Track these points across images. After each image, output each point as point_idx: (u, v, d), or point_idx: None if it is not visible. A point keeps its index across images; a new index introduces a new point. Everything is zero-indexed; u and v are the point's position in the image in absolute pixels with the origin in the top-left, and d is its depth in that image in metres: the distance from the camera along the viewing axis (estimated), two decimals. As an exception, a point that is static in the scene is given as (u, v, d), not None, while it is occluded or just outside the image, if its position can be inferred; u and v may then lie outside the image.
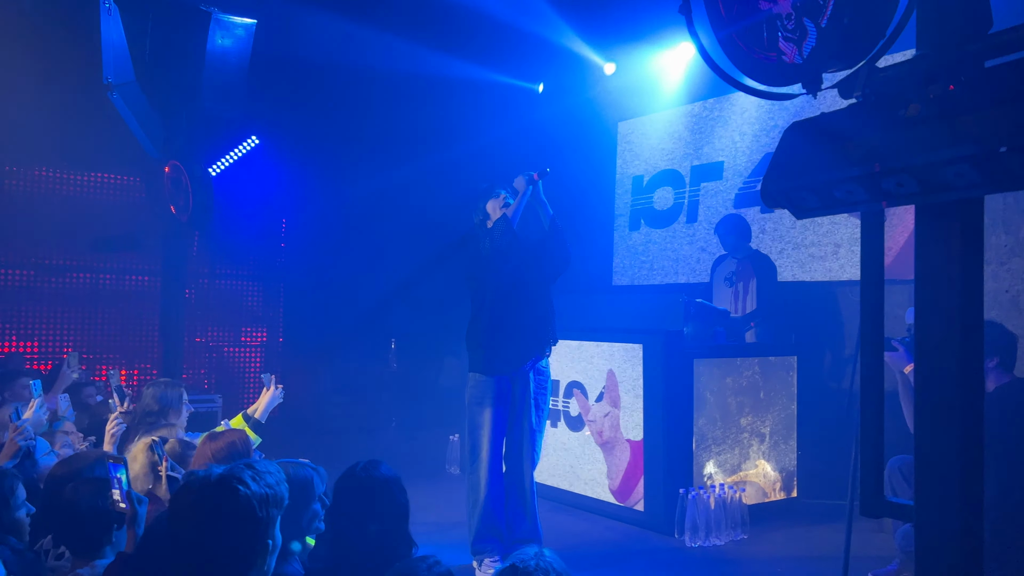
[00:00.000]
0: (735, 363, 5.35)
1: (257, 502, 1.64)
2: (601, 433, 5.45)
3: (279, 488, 1.71)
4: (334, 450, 7.64)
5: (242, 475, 1.66)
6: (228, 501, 1.61)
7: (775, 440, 5.50)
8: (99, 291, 8.65)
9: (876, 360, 1.94)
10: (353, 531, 2.28)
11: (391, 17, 7.11)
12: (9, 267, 8.21)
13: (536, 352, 4.37)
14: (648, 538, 4.97)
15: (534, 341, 4.36)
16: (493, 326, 4.31)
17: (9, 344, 8.11)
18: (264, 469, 1.72)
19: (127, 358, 8.65)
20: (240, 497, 1.62)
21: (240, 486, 1.63)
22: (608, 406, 5.41)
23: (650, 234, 8.13)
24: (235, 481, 1.64)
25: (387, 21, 7.16)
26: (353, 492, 2.34)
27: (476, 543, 4.24)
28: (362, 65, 7.57)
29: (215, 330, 9.43)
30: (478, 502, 4.25)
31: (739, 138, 7.35)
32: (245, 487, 1.63)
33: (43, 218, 8.22)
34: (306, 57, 7.41)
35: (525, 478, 4.39)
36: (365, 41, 7.36)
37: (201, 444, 3.02)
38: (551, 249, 4.44)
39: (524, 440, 4.36)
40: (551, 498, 5.81)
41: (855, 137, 1.83)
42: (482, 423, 4.27)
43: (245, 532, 1.62)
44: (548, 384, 4.48)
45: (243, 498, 1.62)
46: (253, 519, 1.63)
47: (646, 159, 8.29)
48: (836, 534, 4.84)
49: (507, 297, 4.34)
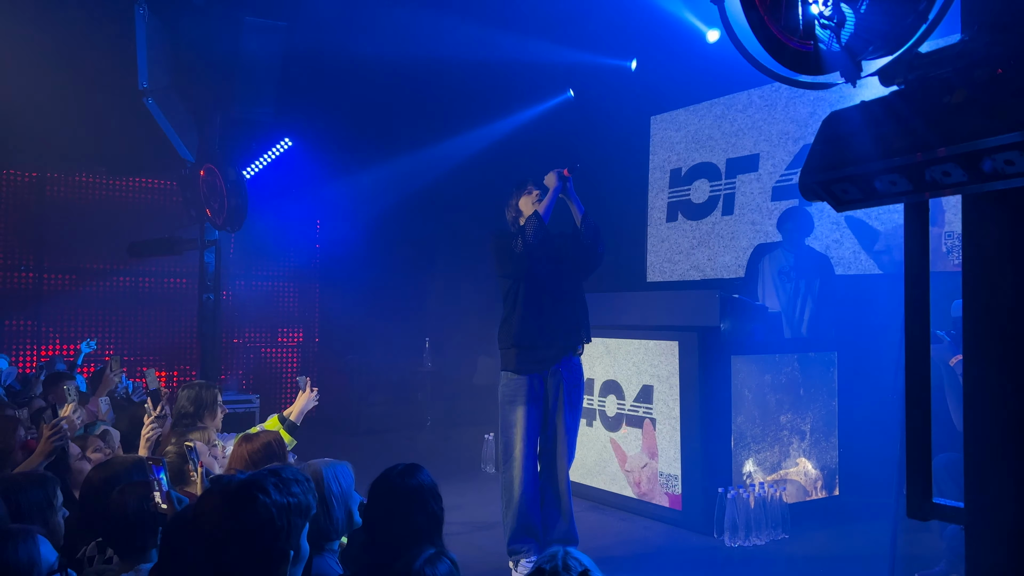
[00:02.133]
0: (774, 359, 5.26)
1: (277, 511, 1.62)
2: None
3: (305, 497, 1.70)
4: (369, 450, 7.68)
5: (265, 483, 1.65)
6: (247, 509, 1.60)
7: (816, 437, 5.40)
8: (138, 294, 8.80)
9: (922, 356, 1.86)
10: (384, 537, 2.26)
11: (424, 10, 7.09)
12: (52, 271, 8.39)
13: (569, 350, 4.33)
14: (686, 538, 4.90)
15: (566, 339, 4.32)
16: (526, 325, 4.27)
17: (53, 347, 8.28)
18: (290, 477, 1.70)
19: (166, 360, 8.78)
20: (259, 505, 1.61)
21: (261, 494, 1.62)
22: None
23: (685, 228, 8.03)
24: (256, 489, 1.63)
25: (420, 17, 7.14)
26: (386, 497, 2.33)
27: (512, 543, 4.21)
28: (394, 64, 7.57)
29: (252, 331, 9.54)
30: (512, 501, 4.22)
31: (774, 130, 7.23)
32: (266, 495, 1.62)
33: (83, 223, 8.39)
34: (337, 56, 7.43)
35: (560, 477, 4.35)
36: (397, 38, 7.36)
37: (237, 445, 3.04)
38: (583, 246, 4.39)
39: (559, 439, 4.32)
40: (588, 497, 5.77)
41: (897, 126, 1.77)
42: (515, 422, 4.24)
43: (264, 540, 1.60)
44: (582, 382, 4.43)
45: (262, 506, 1.61)
46: (272, 528, 1.61)
47: (680, 153, 8.20)
48: (880, 533, 4.73)
49: (540, 295, 4.29)
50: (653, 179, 8.50)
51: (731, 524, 4.69)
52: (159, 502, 2.34)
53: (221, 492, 1.64)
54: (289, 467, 1.76)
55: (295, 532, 1.66)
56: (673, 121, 8.32)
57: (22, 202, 8.25)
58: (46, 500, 2.37)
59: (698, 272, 7.81)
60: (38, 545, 1.79)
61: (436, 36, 7.34)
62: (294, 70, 7.47)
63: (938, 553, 4.06)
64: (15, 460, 3.75)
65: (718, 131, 7.79)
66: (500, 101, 8.57)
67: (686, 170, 8.12)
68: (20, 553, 1.74)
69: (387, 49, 7.49)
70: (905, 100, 1.81)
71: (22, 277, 8.26)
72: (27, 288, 8.25)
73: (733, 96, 7.64)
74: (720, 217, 7.59)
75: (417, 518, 2.28)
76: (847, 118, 1.94)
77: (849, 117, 1.94)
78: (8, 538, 1.79)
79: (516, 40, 7.45)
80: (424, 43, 7.40)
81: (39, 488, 2.40)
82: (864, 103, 1.95)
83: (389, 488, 2.34)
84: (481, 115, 8.69)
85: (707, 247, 7.78)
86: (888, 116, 1.82)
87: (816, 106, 6.85)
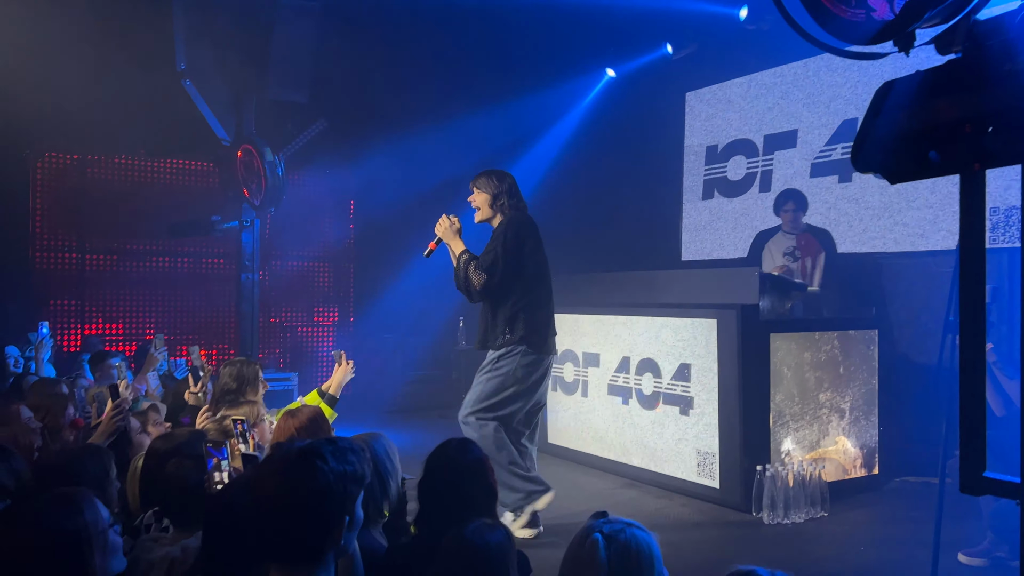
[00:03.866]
0: (813, 337, 5.21)
1: (335, 477, 1.66)
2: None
3: (360, 466, 1.73)
4: (404, 428, 7.75)
5: (323, 451, 1.69)
6: (306, 475, 1.64)
7: (855, 416, 5.35)
8: (178, 274, 8.94)
9: (977, 328, 1.84)
10: (439, 509, 2.29)
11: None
12: (94, 252, 8.54)
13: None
14: (724, 515, 4.90)
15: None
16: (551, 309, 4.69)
17: (97, 327, 8.45)
18: (346, 446, 1.74)
19: (205, 339, 8.91)
20: (317, 472, 1.65)
21: (319, 461, 1.66)
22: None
23: (721, 206, 7.96)
24: (315, 456, 1.67)
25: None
26: (443, 470, 2.36)
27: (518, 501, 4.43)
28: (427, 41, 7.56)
29: (288, 310, 9.66)
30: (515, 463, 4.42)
31: (814, 104, 7.11)
32: (324, 462, 1.66)
33: (123, 204, 8.51)
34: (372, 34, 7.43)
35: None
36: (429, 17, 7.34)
37: (282, 420, 3.08)
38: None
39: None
40: (623, 474, 5.79)
41: (954, 95, 1.74)
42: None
43: (321, 506, 1.64)
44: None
45: (320, 473, 1.65)
46: (330, 494, 1.65)
47: (717, 129, 8.11)
48: (919, 511, 4.70)
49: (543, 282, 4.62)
50: (688, 156, 8.43)
51: (769, 502, 4.68)
52: (219, 480, 2.38)
53: (280, 459, 1.68)
54: (343, 438, 1.80)
55: (351, 499, 1.70)
56: (709, 97, 8.23)
57: (64, 184, 8.39)
58: (102, 471, 2.44)
59: (734, 250, 7.75)
60: (95, 504, 1.85)
61: (470, 14, 7.31)
62: (330, 50, 7.49)
63: (981, 531, 4.02)
64: (64, 437, 3.85)
65: (755, 106, 7.70)
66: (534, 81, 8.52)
67: (722, 147, 8.03)
68: (82, 511, 1.81)
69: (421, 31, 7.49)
70: (963, 69, 1.78)
71: (65, 258, 8.42)
72: (70, 268, 8.41)
73: (771, 70, 7.53)
74: (757, 194, 7.51)
75: (473, 491, 2.31)
76: (901, 88, 1.91)
77: (903, 87, 1.90)
78: (68, 498, 1.86)
79: (552, 20, 7.40)
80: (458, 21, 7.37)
81: (95, 459, 2.47)
82: (919, 72, 1.91)
83: (446, 462, 2.37)
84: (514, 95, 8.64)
85: (744, 225, 7.71)
86: (945, 85, 1.79)
87: (859, 79, 6.73)
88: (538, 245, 4.56)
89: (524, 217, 4.58)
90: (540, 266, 4.57)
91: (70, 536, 1.75)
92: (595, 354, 6.12)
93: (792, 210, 6.21)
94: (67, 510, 1.79)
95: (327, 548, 1.67)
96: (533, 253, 4.51)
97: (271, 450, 2.19)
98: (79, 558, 1.75)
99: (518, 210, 4.59)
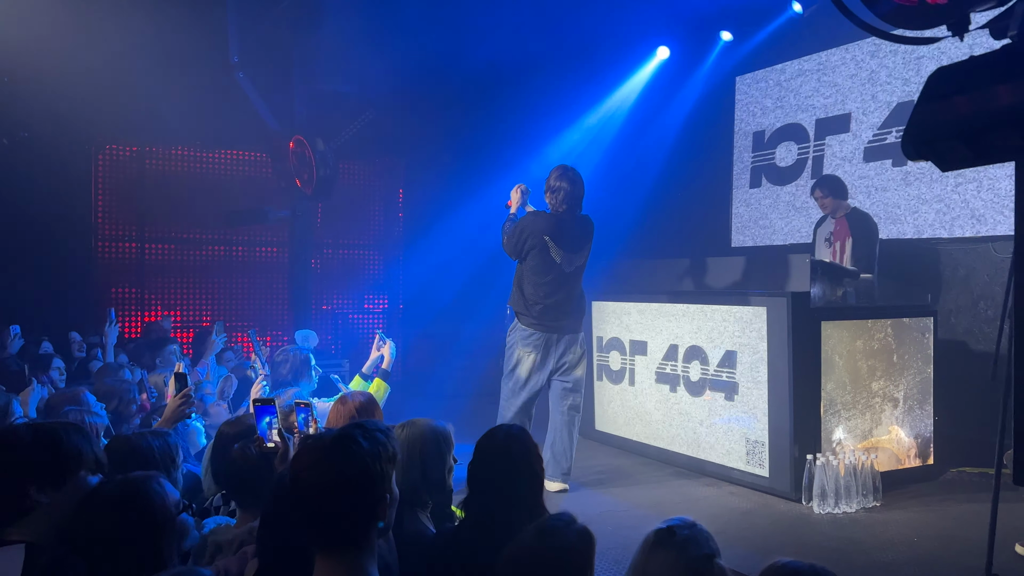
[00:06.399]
0: (865, 325, 5.12)
1: (371, 459, 1.73)
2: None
3: (391, 444, 1.80)
4: (452, 414, 7.83)
5: (354, 434, 1.76)
6: (343, 459, 1.71)
7: (909, 405, 5.26)
8: (232, 263, 9.16)
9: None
10: (487, 495, 2.33)
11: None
12: (152, 241, 8.80)
13: None
14: (774, 504, 4.87)
15: None
16: None
17: (155, 314, 8.71)
18: (374, 427, 1.81)
19: (259, 325, 9.12)
20: (353, 456, 1.71)
21: (353, 445, 1.73)
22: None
23: (771, 192, 7.85)
24: (348, 441, 1.74)
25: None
26: (492, 455, 2.40)
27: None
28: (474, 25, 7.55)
29: (340, 298, 9.83)
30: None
31: (867, 88, 6.96)
32: (357, 445, 1.73)
33: (180, 194, 8.75)
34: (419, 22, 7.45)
35: None
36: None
37: (339, 404, 3.16)
38: None
39: None
40: (672, 463, 5.78)
41: (1011, 79, 1.70)
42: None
43: (362, 489, 1.71)
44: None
45: (356, 456, 1.71)
46: (367, 476, 1.71)
47: (767, 113, 7.99)
48: (975, 503, 4.61)
49: None
50: (738, 142, 8.32)
51: (820, 491, 4.64)
52: (262, 441, 2.46)
53: (315, 448, 1.74)
54: (371, 420, 1.85)
55: (387, 478, 1.76)
56: (759, 81, 8.10)
57: (124, 175, 8.65)
58: (168, 456, 2.55)
59: (785, 237, 7.64)
60: (165, 486, 1.94)
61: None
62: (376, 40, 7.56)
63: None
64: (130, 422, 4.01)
65: (806, 91, 7.56)
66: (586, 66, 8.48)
67: (771, 133, 7.91)
68: (154, 491, 1.91)
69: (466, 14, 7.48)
70: (1020, 53, 1.75)
71: (125, 247, 8.70)
72: (130, 257, 8.69)
73: (822, 54, 7.39)
74: (808, 181, 7.38)
75: (521, 478, 2.35)
76: (955, 73, 1.88)
77: (957, 72, 1.87)
78: (142, 479, 1.96)
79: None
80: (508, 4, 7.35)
81: (162, 444, 2.58)
82: (973, 57, 1.88)
83: (496, 448, 2.41)
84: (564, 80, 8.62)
85: (793, 212, 7.60)
86: (1001, 70, 1.75)
87: (914, 60, 6.56)
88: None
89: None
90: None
91: (142, 517, 1.85)
92: (642, 342, 6.11)
93: (820, 196, 6.12)
94: (139, 492, 1.88)
95: (371, 529, 1.73)
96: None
97: (302, 440, 2.26)
98: (151, 538, 1.85)
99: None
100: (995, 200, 5.96)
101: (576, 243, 5.20)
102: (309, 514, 1.70)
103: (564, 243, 5.14)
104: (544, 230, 5.12)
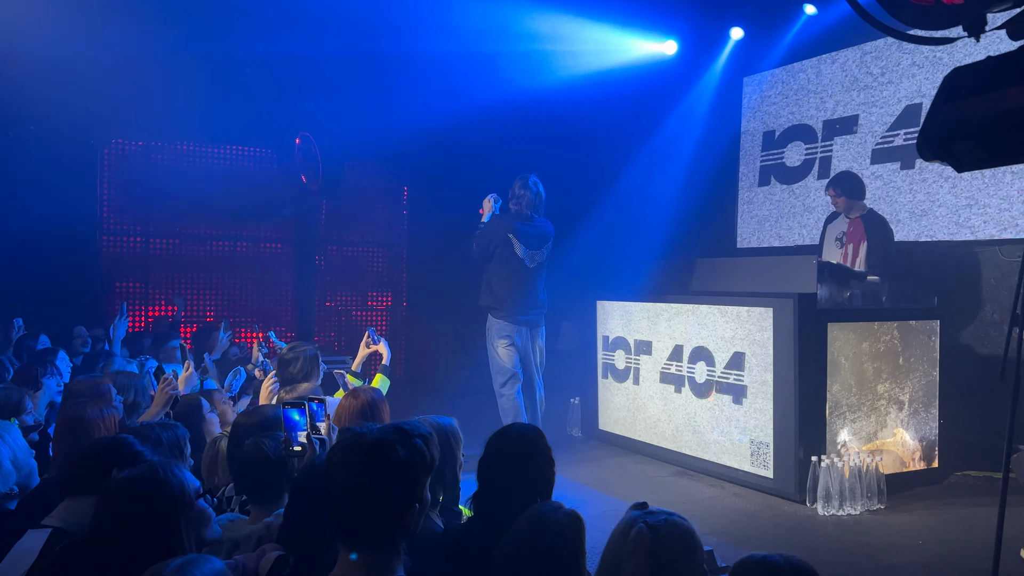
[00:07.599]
0: (872, 327, 5.11)
1: (406, 467, 1.71)
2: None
3: (429, 452, 1.77)
4: (456, 411, 7.83)
5: (392, 440, 1.73)
6: (379, 466, 1.69)
7: (915, 408, 5.25)
8: (236, 258, 9.14)
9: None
10: (497, 492, 2.33)
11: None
12: (157, 236, 8.79)
13: None
14: (778, 505, 4.86)
15: None
16: None
17: (159, 309, 8.71)
18: (415, 432, 1.77)
19: (263, 321, 9.10)
20: (391, 464, 1.69)
21: (391, 452, 1.70)
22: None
23: (778, 192, 7.83)
24: (387, 447, 1.71)
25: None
26: (501, 452, 2.39)
27: None
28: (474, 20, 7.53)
29: (343, 295, 9.81)
30: None
31: (875, 90, 6.94)
32: (395, 453, 1.70)
33: (185, 189, 8.72)
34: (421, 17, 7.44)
35: None
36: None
37: (347, 399, 3.16)
38: None
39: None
40: (676, 463, 5.77)
41: (1028, 81, 1.69)
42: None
43: (393, 495, 1.69)
44: None
45: (392, 464, 1.69)
46: (401, 483, 1.70)
47: (774, 114, 7.97)
48: (979, 507, 4.60)
49: None
50: (745, 142, 8.30)
51: (824, 493, 4.63)
52: (291, 443, 2.42)
53: (351, 447, 1.72)
54: (410, 422, 1.83)
55: (421, 486, 1.74)
56: (767, 81, 8.08)
57: (130, 170, 8.64)
58: (177, 446, 2.55)
59: (791, 238, 7.62)
60: (182, 473, 1.94)
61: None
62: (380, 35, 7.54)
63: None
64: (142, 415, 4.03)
65: (814, 92, 7.54)
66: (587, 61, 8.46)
67: (780, 132, 7.90)
68: (172, 474, 1.92)
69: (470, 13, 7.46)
70: (1037, 54, 1.74)
71: (130, 242, 8.69)
72: (135, 252, 8.68)
73: (830, 55, 7.37)
74: (815, 181, 7.37)
75: (531, 477, 2.34)
76: (971, 74, 1.87)
77: (974, 73, 1.86)
78: (158, 464, 1.98)
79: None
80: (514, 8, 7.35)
81: (170, 434, 2.58)
82: (990, 58, 1.87)
83: (507, 446, 2.40)
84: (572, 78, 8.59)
85: (801, 212, 7.58)
86: (1018, 71, 1.74)
87: (924, 63, 6.54)
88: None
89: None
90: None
91: (160, 503, 1.85)
92: (647, 341, 6.10)
93: (834, 195, 5.98)
94: (156, 476, 1.88)
95: (398, 534, 1.71)
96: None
97: (339, 435, 2.24)
98: (168, 522, 1.85)
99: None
100: (1003, 203, 5.94)
101: (535, 241, 5.97)
102: (336, 509, 1.69)
103: (525, 239, 5.93)
104: (507, 228, 5.95)
